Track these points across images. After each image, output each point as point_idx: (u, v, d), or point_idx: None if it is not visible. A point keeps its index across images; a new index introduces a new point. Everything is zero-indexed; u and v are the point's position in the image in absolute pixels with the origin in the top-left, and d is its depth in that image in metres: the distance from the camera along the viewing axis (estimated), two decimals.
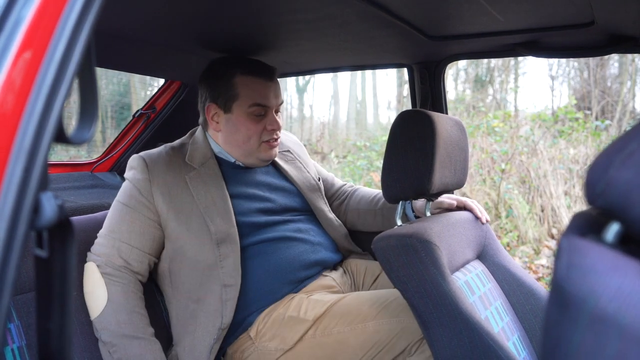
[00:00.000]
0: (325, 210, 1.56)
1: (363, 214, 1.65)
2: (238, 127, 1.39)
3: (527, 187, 4.65)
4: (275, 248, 1.36)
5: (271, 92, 1.40)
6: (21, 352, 1.15)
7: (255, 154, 1.42)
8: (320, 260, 1.42)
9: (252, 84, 1.37)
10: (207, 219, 1.30)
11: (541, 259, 3.91)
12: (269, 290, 1.33)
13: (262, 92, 1.38)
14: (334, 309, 1.24)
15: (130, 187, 1.33)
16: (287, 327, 1.26)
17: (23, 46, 0.44)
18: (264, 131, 1.40)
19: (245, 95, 1.37)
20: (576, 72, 7.08)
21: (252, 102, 1.37)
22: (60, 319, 0.49)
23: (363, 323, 1.18)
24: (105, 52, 1.46)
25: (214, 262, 1.28)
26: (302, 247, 1.40)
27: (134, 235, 1.29)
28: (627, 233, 0.38)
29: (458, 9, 1.16)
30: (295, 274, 1.36)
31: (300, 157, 1.65)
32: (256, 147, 1.41)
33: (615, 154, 0.37)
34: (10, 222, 0.42)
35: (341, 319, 1.21)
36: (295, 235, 1.41)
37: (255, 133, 1.39)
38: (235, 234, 1.31)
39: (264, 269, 1.34)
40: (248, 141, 1.40)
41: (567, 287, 0.35)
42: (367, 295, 1.26)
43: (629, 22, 1.19)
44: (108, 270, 1.25)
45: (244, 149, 1.41)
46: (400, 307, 1.18)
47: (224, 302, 1.27)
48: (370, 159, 5.95)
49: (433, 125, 1.15)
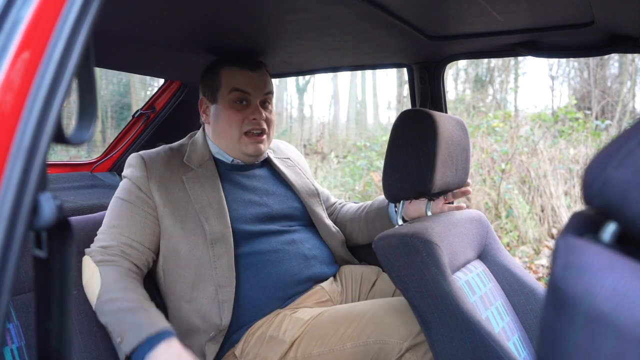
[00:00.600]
0: (323, 216, 1.54)
1: (349, 224, 1.63)
2: (221, 116, 1.41)
3: (527, 187, 4.65)
4: (267, 262, 1.34)
5: (253, 81, 1.41)
6: (20, 352, 1.15)
7: (239, 147, 1.41)
8: (313, 275, 1.39)
9: (233, 72, 1.41)
10: (202, 219, 1.30)
11: (541, 259, 3.90)
12: (256, 305, 1.31)
13: (242, 80, 1.40)
14: (311, 329, 1.22)
15: (129, 184, 1.34)
16: (268, 347, 1.24)
17: (22, 46, 0.44)
18: (245, 121, 1.40)
19: (226, 84, 1.41)
20: (576, 72, 7.08)
21: (232, 87, 1.39)
22: (59, 319, 0.49)
23: (342, 344, 1.16)
24: (105, 52, 1.46)
25: (208, 262, 1.28)
26: (294, 261, 1.37)
27: (134, 228, 1.29)
28: (624, 233, 0.38)
29: (458, 9, 1.16)
30: (285, 290, 1.33)
31: (299, 164, 1.65)
32: (237, 138, 1.40)
33: (613, 153, 0.37)
34: (9, 223, 0.42)
35: (319, 340, 1.19)
36: (289, 248, 1.38)
37: (236, 122, 1.39)
38: (230, 235, 1.31)
39: (252, 284, 1.31)
40: (229, 130, 1.40)
41: (563, 286, 0.35)
42: (343, 312, 1.23)
43: (628, 22, 1.19)
44: (104, 258, 1.25)
45: (226, 139, 1.42)
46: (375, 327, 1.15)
47: (220, 303, 1.26)
48: (370, 159, 5.94)
49: (435, 124, 1.15)
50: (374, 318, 1.16)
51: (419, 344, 1.11)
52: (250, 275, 1.32)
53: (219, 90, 1.42)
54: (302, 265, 1.38)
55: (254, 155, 1.44)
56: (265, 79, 1.45)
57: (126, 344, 1.11)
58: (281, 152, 1.64)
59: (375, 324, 1.15)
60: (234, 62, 1.43)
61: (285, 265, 1.35)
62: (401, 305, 1.18)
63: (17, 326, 1.17)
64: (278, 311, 1.31)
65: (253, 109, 1.40)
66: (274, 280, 1.32)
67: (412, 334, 1.12)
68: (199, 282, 1.28)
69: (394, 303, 1.21)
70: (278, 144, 1.70)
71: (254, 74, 1.42)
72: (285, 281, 1.33)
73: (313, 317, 1.25)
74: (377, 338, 1.13)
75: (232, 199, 1.38)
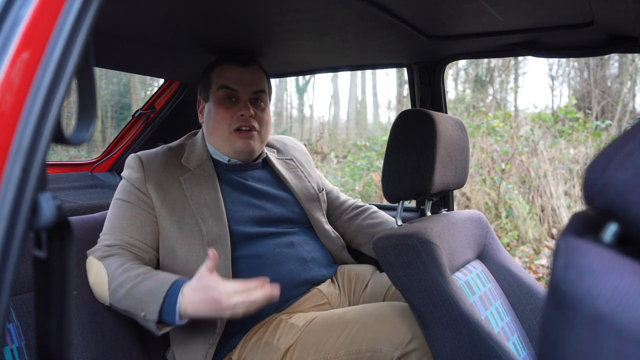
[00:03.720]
0: (323, 221, 1.52)
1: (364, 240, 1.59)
2: (212, 113, 1.42)
3: (527, 187, 4.65)
4: (264, 265, 1.33)
5: (242, 78, 1.40)
6: (20, 352, 1.15)
7: (228, 144, 1.40)
8: (311, 278, 1.38)
9: (223, 70, 1.42)
10: (199, 219, 1.30)
11: (541, 259, 3.90)
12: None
13: (230, 76, 1.40)
14: (305, 336, 1.21)
15: (127, 185, 1.35)
16: (263, 353, 1.24)
17: (21, 46, 0.44)
18: (233, 118, 1.39)
19: (216, 82, 1.41)
20: (576, 72, 7.09)
21: (220, 84, 1.40)
22: (59, 319, 0.49)
23: (335, 352, 1.16)
24: (105, 52, 1.46)
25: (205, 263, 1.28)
26: (292, 265, 1.36)
27: (135, 228, 1.29)
28: (625, 233, 0.38)
29: (458, 9, 1.16)
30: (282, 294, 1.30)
31: (302, 166, 1.61)
32: (227, 136, 1.39)
33: (613, 154, 0.37)
34: (9, 223, 0.42)
35: (312, 348, 1.18)
36: (287, 251, 1.37)
37: (224, 119, 1.39)
38: (227, 236, 1.30)
39: None
40: (219, 127, 1.40)
41: (564, 287, 0.35)
42: (336, 318, 1.22)
43: (628, 22, 1.19)
44: (107, 253, 1.25)
45: (217, 137, 1.41)
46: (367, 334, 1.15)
47: None
48: (370, 159, 5.94)
49: (434, 124, 1.15)
50: (366, 326, 1.16)
51: (410, 352, 1.11)
52: (248, 278, 1.31)
53: (210, 88, 1.42)
54: (300, 268, 1.37)
55: (244, 152, 1.41)
56: (256, 76, 1.43)
57: (150, 312, 1.12)
58: (286, 151, 1.62)
59: (367, 332, 1.15)
60: (225, 59, 1.44)
61: (283, 268, 1.34)
62: (392, 313, 1.18)
63: (17, 326, 1.17)
64: (275, 315, 1.31)
65: (241, 106, 1.39)
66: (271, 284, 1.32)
67: (403, 343, 1.11)
68: None
69: (386, 310, 1.20)
70: (285, 141, 1.68)
71: (243, 70, 1.41)
72: (282, 284, 1.32)
73: (307, 322, 1.24)
74: (370, 346, 1.13)
75: (230, 200, 1.38)
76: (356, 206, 1.69)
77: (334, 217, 1.67)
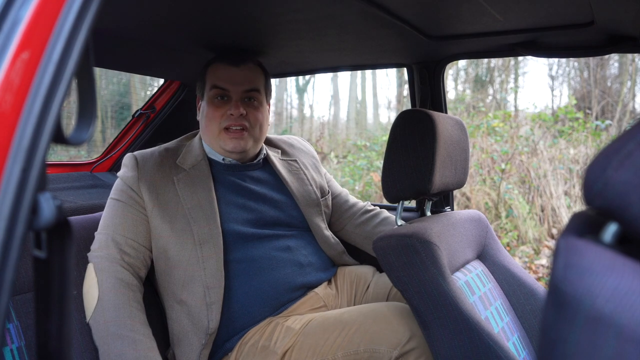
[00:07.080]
0: (322, 227, 1.49)
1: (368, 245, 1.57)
2: (204, 112, 1.43)
3: (527, 187, 4.65)
4: (260, 269, 1.32)
5: (233, 77, 1.40)
6: (20, 352, 1.15)
7: (218, 143, 1.40)
8: (307, 282, 1.37)
9: (215, 69, 1.42)
10: (190, 220, 1.30)
11: (541, 259, 3.91)
12: (247, 312, 1.29)
13: (221, 76, 1.40)
14: (302, 339, 1.21)
15: (121, 184, 1.35)
16: (261, 358, 1.23)
17: (21, 46, 0.44)
18: (223, 117, 1.39)
19: (209, 81, 1.42)
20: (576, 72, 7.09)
21: (212, 84, 1.40)
22: (59, 320, 0.49)
23: (333, 353, 1.15)
24: (105, 52, 1.46)
25: (196, 263, 1.28)
26: (288, 269, 1.35)
27: (127, 227, 1.29)
28: (624, 233, 0.38)
29: (458, 9, 1.16)
30: (278, 298, 1.32)
31: (307, 168, 1.58)
32: (217, 134, 1.39)
33: (613, 154, 0.37)
34: (9, 223, 0.42)
35: (310, 351, 1.18)
36: (283, 255, 1.36)
37: (215, 117, 1.39)
38: (219, 236, 1.30)
39: (244, 290, 1.30)
40: (210, 126, 1.40)
41: (564, 287, 0.35)
42: (332, 320, 1.21)
43: (628, 22, 1.19)
44: (104, 266, 1.24)
45: (208, 135, 1.42)
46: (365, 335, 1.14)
47: (208, 305, 1.25)
48: (370, 159, 5.94)
49: (434, 124, 1.15)
50: (363, 326, 1.15)
51: (408, 351, 1.11)
52: (242, 282, 1.31)
53: (205, 87, 1.43)
54: (296, 273, 1.36)
55: (235, 152, 1.40)
56: (248, 74, 1.41)
57: None
58: (292, 153, 1.60)
59: (364, 333, 1.14)
60: (218, 58, 1.44)
61: (278, 272, 1.33)
62: (390, 313, 1.17)
63: (17, 326, 1.17)
64: (270, 319, 1.30)
65: (231, 105, 1.39)
66: (266, 288, 1.31)
67: (401, 343, 1.11)
68: (189, 282, 1.28)
69: (383, 310, 1.19)
70: (293, 142, 1.66)
71: (235, 69, 1.40)
72: (278, 289, 1.32)
73: (304, 325, 1.23)
74: (367, 347, 1.13)
75: (225, 201, 1.37)
76: (366, 210, 1.65)
77: (343, 220, 1.64)
